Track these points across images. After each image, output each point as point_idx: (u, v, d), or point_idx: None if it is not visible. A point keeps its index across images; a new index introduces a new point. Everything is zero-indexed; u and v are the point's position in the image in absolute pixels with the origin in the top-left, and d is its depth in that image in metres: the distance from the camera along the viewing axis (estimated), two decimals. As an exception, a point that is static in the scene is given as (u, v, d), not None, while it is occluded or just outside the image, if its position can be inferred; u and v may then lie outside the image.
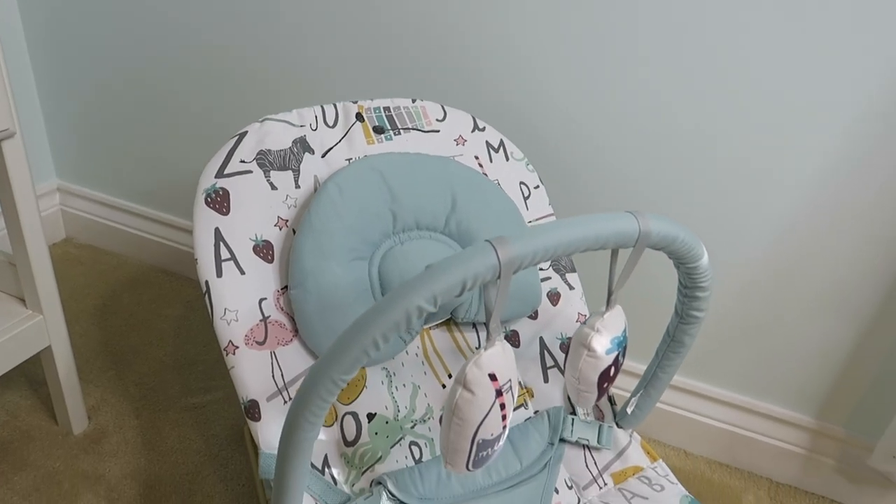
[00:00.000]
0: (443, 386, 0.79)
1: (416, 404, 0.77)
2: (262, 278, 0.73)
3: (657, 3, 0.85)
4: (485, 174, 0.87)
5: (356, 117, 0.84)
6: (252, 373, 0.69)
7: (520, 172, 0.90)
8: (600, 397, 0.65)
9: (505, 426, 0.56)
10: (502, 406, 0.54)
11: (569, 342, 0.84)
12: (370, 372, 0.77)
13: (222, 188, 0.74)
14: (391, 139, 0.85)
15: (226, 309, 0.70)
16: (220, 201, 0.74)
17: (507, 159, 0.90)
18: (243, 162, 0.76)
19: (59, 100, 1.35)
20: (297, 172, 0.78)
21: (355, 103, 0.84)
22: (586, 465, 0.80)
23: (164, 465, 0.98)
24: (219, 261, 0.72)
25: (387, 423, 0.75)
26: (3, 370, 0.89)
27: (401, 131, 0.85)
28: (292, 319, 0.74)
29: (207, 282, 0.71)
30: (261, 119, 0.79)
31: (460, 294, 0.48)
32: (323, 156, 0.81)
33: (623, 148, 0.95)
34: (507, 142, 0.91)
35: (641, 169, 0.96)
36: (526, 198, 0.89)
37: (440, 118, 0.88)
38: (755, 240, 0.94)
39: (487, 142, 0.90)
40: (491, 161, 0.89)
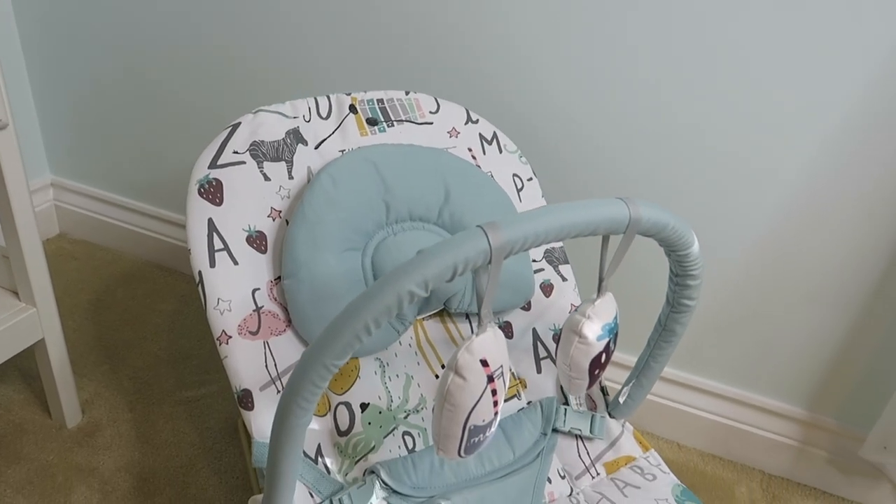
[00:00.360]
0: (436, 376, 0.79)
1: (409, 394, 0.77)
2: (255, 269, 0.74)
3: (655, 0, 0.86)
4: (478, 166, 0.87)
5: (349, 109, 0.84)
6: (245, 362, 0.69)
7: (513, 165, 0.91)
8: (592, 384, 0.65)
9: (496, 412, 0.57)
10: (494, 392, 0.55)
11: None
12: (363, 362, 0.77)
13: (216, 179, 0.74)
14: (384, 131, 0.85)
15: (219, 299, 0.71)
16: (213, 192, 0.74)
17: (501, 151, 0.91)
18: (236, 153, 0.76)
19: (52, 95, 1.35)
20: (290, 163, 0.78)
21: (349, 95, 0.85)
22: (579, 455, 0.80)
23: (158, 458, 0.98)
24: (212, 251, 0.72)
25: (380, 413, 0.75)
26: (-4, 362, 0.89)
27: (394, 123, 0.86)
28: (285, 310, 0.74)
29: (201, 272, 0.71)
30: (254, 110, 0.79)
31: (451, 279, 0.49)
32: (316, 147, 0.81)
33: (616, 142, 0.96)
34: (500, 134, 0.91)
35: (635, 163, 0.96)
36: (519, 190, 0.90)
37: (433, 110, 0.88)
38: (747, 233, 0.95)
39: (481, 134, 0.90)
40: (484, 153, 0.89)
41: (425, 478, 0.72)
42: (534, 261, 0.87)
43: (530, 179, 0.91)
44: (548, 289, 0.87)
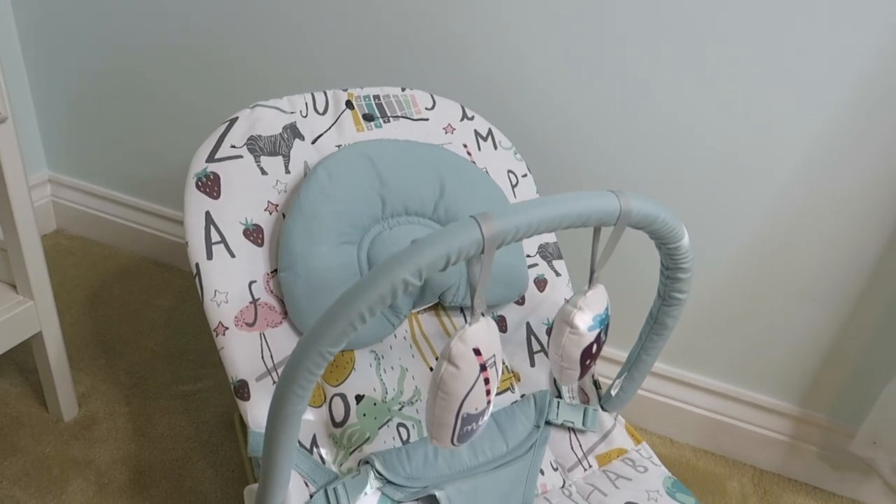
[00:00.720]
0: (430, 369, 0.80)
1: (403, 387, 0.78)
2: (252, 261, 0.74)
3: (643, -6, 0.87)
4: (473, 162, 0.88)
5: (346, 105, 0.85)
6: (241, 354, 0.70)
7: (508, 161, 0.92)
8: (583, 375, 0.66)
9: (489, 401, 0.58)
10: (486, 381, 0.56)
11: (555, 328, 0.86)
12: (359, 355, 0.78)
13: (213, 172, 0.75)
14: (381, 126, 0.86)
15: (216, 291, 0.71)
16: (210, 185, 0.74)
17: (496, 148, 0.92)
18: (234, 147, 0.77)
19: (50, 92, 1.35)
20: (287, 158, 0.79)
21: (345, 91, 0.85)
22: (571, 448, 0.81)
23: (155, 451, 0.99)
24: (209, 244, 0.73)
25: (375, 404, 0.76)
26: (-7, 355, 0.89)
27: (390, 119, 0.86)
28: (282, 302, 0.75)
29: (198, 264, 0.72)
30: (252, 105, 0.80)
31: (445, 268, 0.49)
32: (313, 142, 0.82)
33: (611, 140, 0.97)
34: (495, 131, 0.92)
35: (629, 161, 0.97)
36: (514, 186, 0.91)
37: (429, 106, 0.89)
38: (739, 231, 0.96)
39: (476, 130, 0.91)
40: (479, 149, 0.90)
41: (419, 468, 0.73)
42: (528, 256, 0.88)
43: (525, 176, 0.92)
44: (542, 283, 0.88)
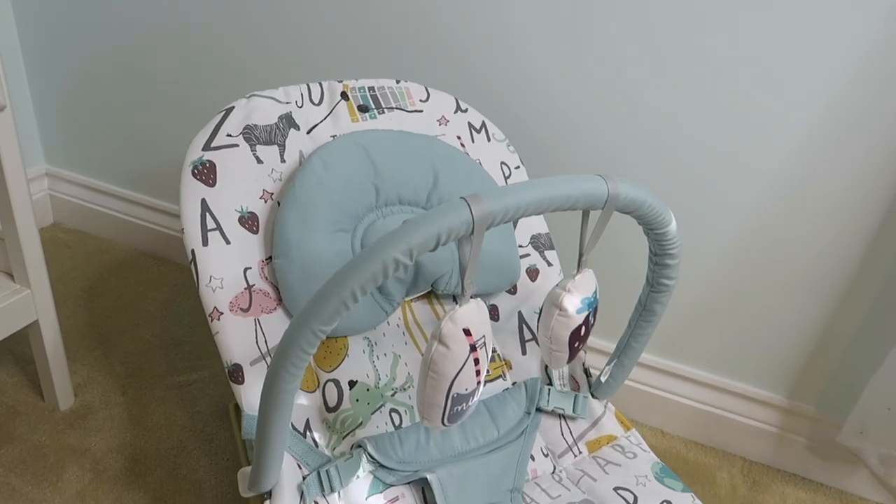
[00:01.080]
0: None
1: (396, 373, 0.79)
2: (247, 248, 0.75)
3: (634, -11, 0.88)
4: (466, 154, 0.89)
5: (341, 96, 0.86)
6: (236, 338, 0.71)
7: (501, 153, 0.93)
8: (572, 357, 0.67)
9: (479, 381, 0.59)
10: (476, 361, 0.57)
11: (547, 317, 0.87)
12: (352, 341, 0.79)
13: (209, 160, 0.76)
14: (375, 118, 0.87)
15: (211, 276, 0.72)
16: (206, 173, 0.75)
17: (489, 140, 0.93)
18: (230, 136, 0.78)
19: (48, 86, 1.36)
20: (282, 147, 0.80)
21: (340, 82, 0.87)
22: (562, 434, 0.82)
23: (150, 440, 1.00)
24: (205, 230, 0.74)
25: (367, 390, 0.77)
26: (-10, 342, 0.90)
27: (385, 110, 0.88)
28: (276, 289, 0.76)
29: (193, 250, 0.73)
30: (248, 95, 0.81)
31: (435, 248, 0.51)
32: (308, 132, 0.83)
33: (602, 134, 0.98)
34: (488, 123, 0.93)
35: (620, 155, 0.98)
36: (507, 177, 0.92)
37: (423, 98, 0.90)
38: (728, 222, 0.97)
39: (470, 123, 0.92)
40: (473, 141, 0.91)
41: (411, 453, 0.74)
42: (520, 246, 0.89)
43: (518, 168, 0.93)
44: (533, 273, 0.89)
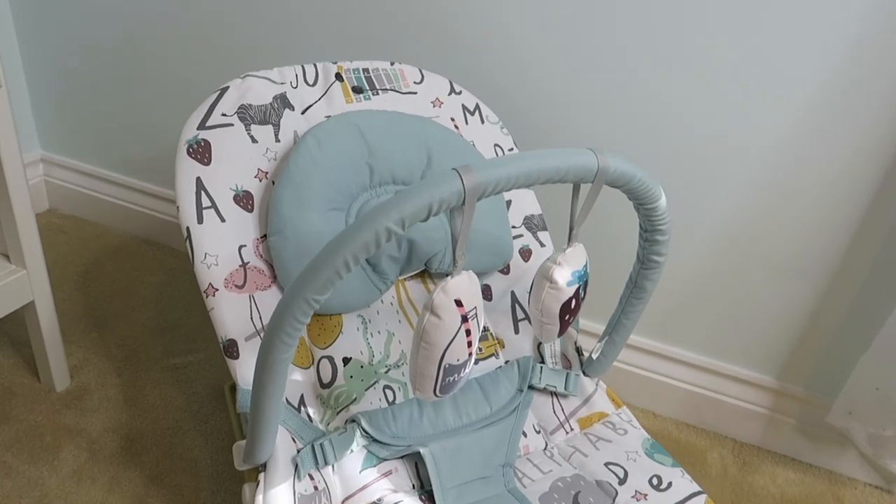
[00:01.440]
0: (417, 335, 0.82)
1: (390, 350, 0.80)
2: (241, 226, 0.76)
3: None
4: (460, 135, 0.90)
5: (335, 77, 0.86)
6: (231, 314, 0.72)
7: (494, 135, 0.93)
8: (562, 331, 0.68)
9: (471, 353, 0.59)
10: (468, 332, 0.58)
11: (539, 297, 0.88)
12: (346, 319, 0.79)
13: (204, 139, 0.76)
14: (369, 99, 0.87)
15: (206, 253, 0.73)
16: (201, 152, 0.76)
17: (483, 122, 0.93)
18: (225, 115, 0.78)
19: (42, 72, 1.36)
20: (277, 127, 0.81)
21: (335, 64, 0.87)
22: (554, 412, 0.83)
23: (146, 421, 1.00)
24: (200, 208, 0.74)
25: (361, 367, 0.78)
26: (-14, 322, 0.91)
27: (379, 92, 0.88)
28: (271, 266, 0.76)
29: (188, 228, 0.73)
30: (242, 75, 0.82)
31: (427, 218, 0.51)
32: (303, 112, 0.83)
33: (595, 117, 0.99)
34: (482, 105, 0.94)
35: (612, 138, 0.99)
36: (500, 159, 0.92)
37: (417, 81, 0.91)
38: (718, 206, 0.98)
39: (463, 105, 0.93)
40: (466, 123, 0.92)
41: (404, 428, 0.75)
42: (513, 227, 0.90)
43: (511, 150, 0.94)
44: (526, 254, 0.90)
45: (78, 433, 0.97)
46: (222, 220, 0.75)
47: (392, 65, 0.91)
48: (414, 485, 0.74)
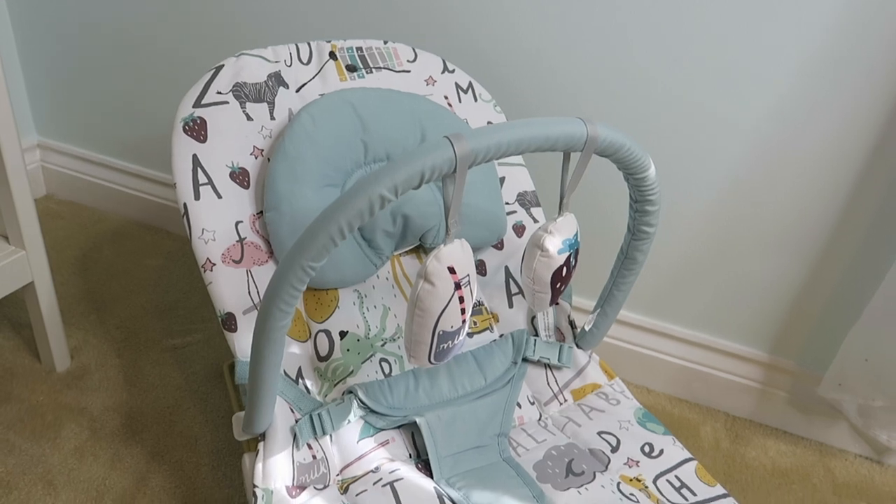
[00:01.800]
0: (412, 309, 0.83)
1: (386, 324, 0.81)
2: (238, 202, 0.77)
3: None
4: (454, 112, 0.91)
5: (329, 56, 0.87)
6: (228, 288, 0.73)
7: (488, 113, 0.94)
8: (554, 299, 0.69)
9: (464, 320, 0.61)
10: (461, 299, 0.59)
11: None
12: (342, 293, 0.81)
13: (200, 117, 0.77)
14: (363, 77, 0.88)
15: (203, 229, 0.74)
16: (197, 129, 0.77)
17: (476, 100, 0.94)
18: (220, 93, 0.79)
19: (37, 56, 1.37)
20: (272, 105, 0.81)
21: (328, 42, 0.88)
22: (548, 383, 0.84)
23: (146, 399, 1.02)
24: (196, 185, 0.75)
25: (358, 340, 0.79)
26: (-13, 302, 0.92)
27: (373, 70, 0.89)
28: (268, 242, 0.77)
29: (185, 204, 0.74)
30: (237, 54, 0.82)
31: (419, 185, 0.52)
32: (297, 90, 0.84)
33: (588, 94, 0.99)
34: (475, 84, 0.95)
35: (605, 114, 1.00)
36: (493, 137, 0.93)
37: (411, 59, 0.92)
38: (709, 180, 0.99)
39: (457, 83, 0.94)
40: (460, 101, 0.93)
41: (400, 399, 0.76)
42: (507, 203, 0.91)
43: (504, 128, 0.95)
44: (520, 230, 0.91)
45: (79, 412, 0.98)
46: (219, 196, 0.76)
47: (385, 43, 0.91)
48: (410, 454, 0.75)
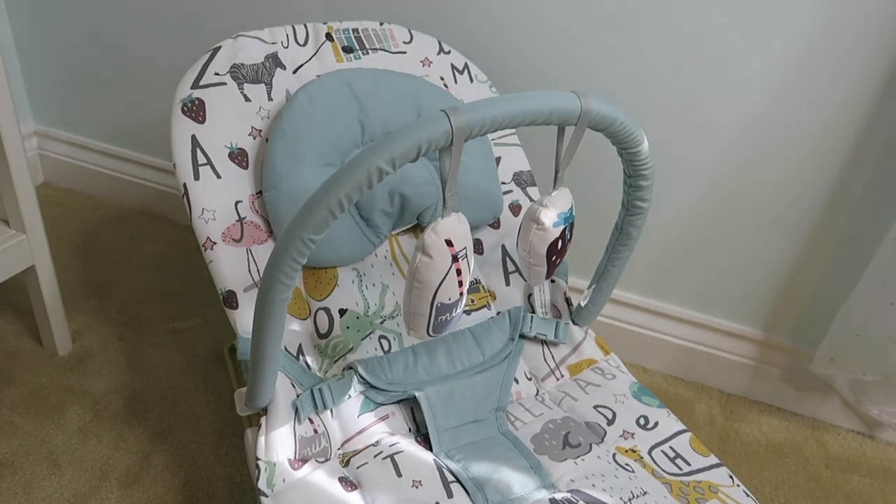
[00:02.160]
0: (410, 287, 0.84)
1: (384, 302, 0.82)
2: (237, 182, 0.78)
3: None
4: (450, 93, 0.92)
5: (326, 37, 0.88)
6: (229, 266, 0.74)
7: (483, 93, 0.95)
8: (550, 272, 0.71)
9: (462, 293, 0.62)
10: (458, 272, 0.60)
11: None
12: (341, 272, 0.82)
13: (198, 98, 0.78)
14: (360, 59, 0.89)
15: (203, 209, 0.75)
16: (196, 110, 0.77)
17: (472, 81, 0.95)
18: (217, 74, 0.80)
19: (33, 44, 1.37)
20: (269, 86, 0.82)
21: (325, 24, 0.88)
22: (544, 359, 0.86)
23: (148, 381, 1.03)
24: (196, 165, 0.76)
25: (357, 318, 0.80)
26: (-11, 285, 0.92)
27: (369, 51, 0.90)
28: (267, 222, 0.78)
29: (185, 184, 0.75)
30: (234, 35, 0.83)
31: (416, 158, 0.53)
32: (294, 72, 0.84)
33: (581, 78, 1.00)
34: (471, 65, 0.96)
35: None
36: (489, 117, 0.94)
37: (407, 40, 0.92)
38: (701, 160, 1.00)
39: (452, 64, 0.94)
40: (456, 82, 0.94)
41: (400, 375, 0.78)
42: (503, 183, 0.92)
43: (500, 108, 0.96)
44: (516, 209, 0.92)
45: (82, 394, 0.99)
46: (218, 176, 0.77)
47: (381, 25, 0.92)
48: (410, 428, 0.76)
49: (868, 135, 0.91)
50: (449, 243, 0.58)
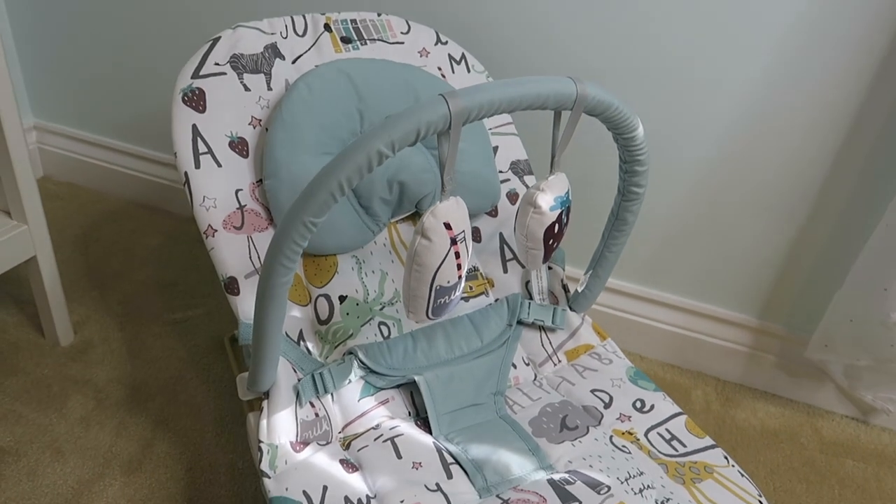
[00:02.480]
0: (409, 274, 0.85)
1: (384, 289, 0.83)
2: (238, 171, 0.79)
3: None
4: (448, 83, 0.93)
5: (324, 28, 0.89)
6: (230, 253, 0.75)
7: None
8: (547, 256, 0.72)
9: (460, 276, 0.63)
10: (457, 255, 0.61)
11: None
12: (341, 259, 0.83)
13: (198, 88, 0.79)
14: (358, 49, 0.90)
15: (204, 197, 0.76)
16: (196, 100, 0.78)
17: (469, 71, 0.96)
18: (217, 64, 0.80)
19: (32, 38, 1.37)
20: (268, 76, 0.83)
21: (323, 15, 0.89)
22: (542, 345, 0.87)
23: (150, 371, 1.04)
24: (197, 154, 0.77)
25: (357, 304, 0.81)
26: (-9, 276, 0.93)
27: (367, 42, 0.90)
28: (267, 210, 0.79)
29: (186, 173, 0.76)
30: (233, 26, 0.84)
31: (415, 141, 0.54)
32: (293, 62, 0.85)
33: (578, 68, 1.01)
34: (468, 55, 0.97)
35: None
36: (486, 107, 0.95)
37: (404, 31, 0.93)
38: (696, 148, 1.01)
39: (450, 55, 0.95)
40: (453, 72, 0.95)
41: (399, 360, 0.79)
42: (500, 171, 0.93)
43: (497, 98, 0.97)
44: (513, 197, 0.93)
45: (84, 383, 1.00)
46: (219, 165, 0.77)
47: (379, 16, 0.93)
48: (410, 412, 0.77)
49: (860, 122, 0.92)
50: (448, 226, 0.59)
